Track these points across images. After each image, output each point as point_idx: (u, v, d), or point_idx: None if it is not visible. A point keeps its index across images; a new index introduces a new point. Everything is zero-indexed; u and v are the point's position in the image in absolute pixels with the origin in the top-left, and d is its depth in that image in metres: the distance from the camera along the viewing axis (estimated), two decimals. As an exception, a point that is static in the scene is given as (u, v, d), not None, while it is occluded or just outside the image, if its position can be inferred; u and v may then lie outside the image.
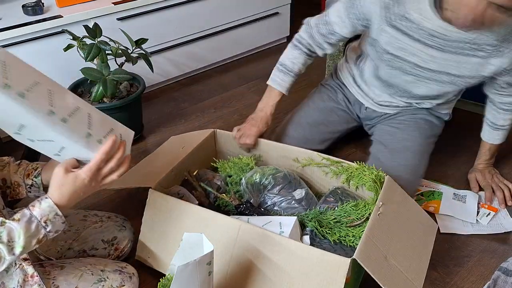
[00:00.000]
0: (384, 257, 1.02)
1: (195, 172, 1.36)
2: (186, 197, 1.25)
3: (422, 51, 1.24)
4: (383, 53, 1.31)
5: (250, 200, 1.27)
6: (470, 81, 1.29)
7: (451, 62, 1.24)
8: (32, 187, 1.02)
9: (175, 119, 2.01)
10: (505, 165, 1.65)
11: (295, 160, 1.35)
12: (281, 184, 1.27)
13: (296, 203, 1.25)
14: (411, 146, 1.39)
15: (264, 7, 2.45)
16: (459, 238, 1.36)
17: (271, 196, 1.27)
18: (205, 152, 1.44)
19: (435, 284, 1.22)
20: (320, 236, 1.18)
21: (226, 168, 1.40)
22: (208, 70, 2.42)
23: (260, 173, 1.30)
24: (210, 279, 0.91)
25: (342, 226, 1.17)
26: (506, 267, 1.17)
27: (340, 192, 1.26)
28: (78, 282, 1.01)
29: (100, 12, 1.84)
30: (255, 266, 1.06)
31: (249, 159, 1.40)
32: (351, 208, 1.19)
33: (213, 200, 1.32)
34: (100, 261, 1.11)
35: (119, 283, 1.06)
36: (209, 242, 0.88)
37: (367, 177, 1.22)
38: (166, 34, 2.11)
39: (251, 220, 1.14)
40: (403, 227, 1.13)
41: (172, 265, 0.91)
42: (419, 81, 1.33)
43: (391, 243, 1.06)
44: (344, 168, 1.28)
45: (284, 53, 1.46)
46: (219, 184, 1.35)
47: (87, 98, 1.75)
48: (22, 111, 0.75)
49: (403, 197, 1.20)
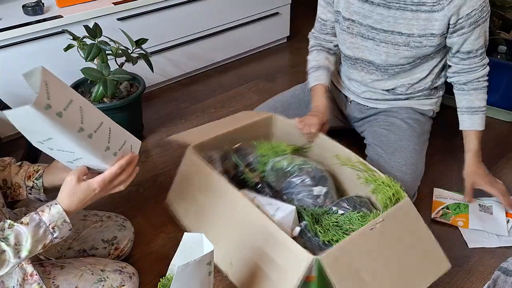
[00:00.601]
0: (356, 270, 0.99)
1: (237, 145, 1.42)
2: (214, 162, 1.33)
3: (372, 12, 1.34)
4: (343, 21, 1.41)
5: (272, 182, 1.31)
6: (423, 41, 1.32)
7: (400, 20, 1.31)
8: (33, 189, 1.03)
9: (175, 119, 2.01)
10: (505, 165, 1.65)
11: (337, 156, 1.35)
12: (305, 176, 1.28)
13: (312, 198, 1.26)
14: (407, 145, 1.40)
15: (264, 7, 2.45)
16: (459, 238, 1.36)
17: (292, 184, 1.28)
18: (258, 131, 1.50)
19: (435, 284, 1.21)
20: (313, 233, 1.17)
21: (263, 149, 1.44)
22: (208, 70, 2.42)
23: (289, 160, 1.33)
24: (210, 279, 0.92)
25: (339, 231, 1.15)
26: (506, 267, 1.18)
27: (358, 200, 1.24)
28: (78, 282, 1.01)
29: (100, 12, 1.84)
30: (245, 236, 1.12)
31: (287, 146, 1.42)
32: (357, 218, 1.17)
33: (240, 173, 1.36)
34: (100, 261, 1.11)
35: (119, 283, 1.06)
36: (209, 242, 0.89)
37: (387, 192, 1.19)
38: (166, 34, 2.12)
39: (257, 198, 1.19)
40: (398, 252, 1.07)
41: (172, 265, 0.91)
42: (378, 46, 1.38)
43: (373, 261, 1.02)
44: (374, 178, 1.25)
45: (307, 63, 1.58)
46: (251, 160, 1.40)
47: (87, 98, 1.75)
48: (56, 129, 0.77)
49: (416, 224, 1.13)
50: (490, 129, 1.86)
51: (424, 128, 1.50)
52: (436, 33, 1.30)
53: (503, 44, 1.90)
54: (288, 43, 2.73)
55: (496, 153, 1.72)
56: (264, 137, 1.50)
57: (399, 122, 1.48)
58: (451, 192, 1.52)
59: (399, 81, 1.46)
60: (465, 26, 1.27)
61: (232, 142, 1.41)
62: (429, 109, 1.53)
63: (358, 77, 1.51)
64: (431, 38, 1.31)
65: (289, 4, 2.57)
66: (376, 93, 1.52)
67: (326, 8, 1.49)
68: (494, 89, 1.86)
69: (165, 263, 0.94)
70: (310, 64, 1.55)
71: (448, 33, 1.31)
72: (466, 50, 1.34)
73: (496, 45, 1.90)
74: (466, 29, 1.28)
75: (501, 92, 1.86)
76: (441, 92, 1.56)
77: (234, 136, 1.42)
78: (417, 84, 1.47)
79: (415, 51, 1.35)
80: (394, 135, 1.44)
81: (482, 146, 1.39)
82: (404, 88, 1.48)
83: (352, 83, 1.56)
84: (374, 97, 1.53)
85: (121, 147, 0.91)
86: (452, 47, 1.36)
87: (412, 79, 1.45)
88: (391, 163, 1.37)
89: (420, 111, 1.52)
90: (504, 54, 1.90)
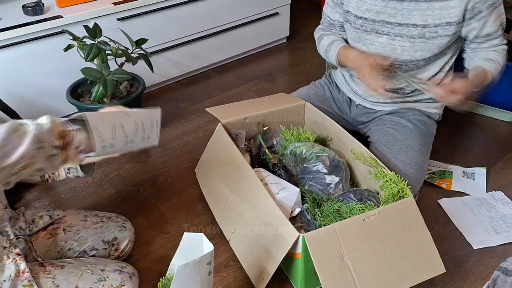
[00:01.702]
0: (340, 255, 1.02)
1: (266, 128, 1.53)
2: (239, 139, 1.45)
3: (385, 7, 1.34)
4: (356, 20, 1.40)
5: (289, 166, 1.39)
6: (438, 31, 1.31)
7: (414, 12, 1.31)
8: (71, 169, 1.06)
9: (175, 119, 2.01)
10: (505, 165, 1.66)
11: (352, 150, 1.38)
12: (320, 164, 1.32)
13: (322, 186, 1.30)
14: (413, 145, 1.40)
15: (264, 7, 2.46)
16: (459, 238, 1.36)
17: (307, 170, 1.33)
18: (290, 117, 1.58)
19: (434, 284, 1.22)
20: (311, 216, 1.21)
21: (288, 134, 1.50)
22: (208, 70, 2.43)
23: (308, 147, 1.38)
24: (210, 278, 0.92)
25: (338, 218, 1.19)
26: (506, 267, 1.17)
27: (366, 194, 1.26)
28: (78, 281, 1.01)
29: (100, 12, 1.84)
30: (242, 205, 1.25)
31: (311, 135, 1.49)
32: (358, 208, 1.19)
33: (262, 153, 1.45)
34: (100, 260, 1.12)
35: (119, 282, 1.06)
36: (209, 242, 0.89)
37: (392, 189, 1.21)
38: (166, 34, 2.12)
39: (267, 177, 1.30)
40: (390, 246, 1.08)
41: (172, 265, 0.92)
42: (392, 41, 1.37)
43: (361, 249, 1.04)
44: (383, 174, 1.26)
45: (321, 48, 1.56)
46: (275, 143, 1.49)
47: (87, 98, 1.76)
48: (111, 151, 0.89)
49: (416, 224, 1.12)
50: (490, 129, 1.87)
51: (430, 130, 1.50)
52: (452, 21, 1.30)
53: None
54: (288, 43, 2.73)
55: (496, 153, 1.72)
56: (294, 124, 1.57)
57: (405, 123, 1.47)
58: (438, 161, 1.67)
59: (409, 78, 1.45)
60: (483, 9, 1.28)
61: (258, 123, 1.54)
62: (435, 112, 1.53)
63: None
64: (446, 27, 1.31)
65: (289, 4, 2.58)
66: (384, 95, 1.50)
67: (334, 8, 1.49)
68: (494, 89, 1.86)
69: (165, 263, 0.94)
70: (325, 44, 1.52)
71: (465, 20, 1.30)
72: (485, 33, 1.34)
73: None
74: (484, 12, 1.28)
75: (501, 92, 1.86)
76: None
77: (265, 118, 1.54)
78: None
79: (430, 42, 1.34)
80: (400, 134, 1.44)
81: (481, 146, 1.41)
82: (413, 87, 1.47)
83: (359, 86, 1.54)
84: (382, 100, 1.52)
85: (151, 129, 0.98)
86: (468, 35, 1.35)
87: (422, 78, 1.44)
88: (395, 162, 1.36)
89: (427, 114, 1.51)
90: (504, 54, 1.90)
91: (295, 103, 1.56)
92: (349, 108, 1.62)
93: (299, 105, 1.57)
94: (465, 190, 1.53)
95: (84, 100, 1.74)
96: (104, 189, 1.58)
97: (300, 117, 1.59)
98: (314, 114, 1.54)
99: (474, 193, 1.52)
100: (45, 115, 0.82)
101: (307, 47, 2.65)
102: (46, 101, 1.84)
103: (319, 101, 1.64)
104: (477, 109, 1.95)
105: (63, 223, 1.18)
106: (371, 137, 1.54)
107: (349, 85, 1.59)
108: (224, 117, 1.47)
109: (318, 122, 1.53)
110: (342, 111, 1.65)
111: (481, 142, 1.78)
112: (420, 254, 1.11)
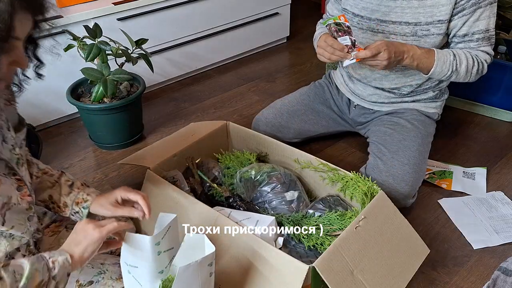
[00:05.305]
0: (350, 271, 0.99)
1: (197, 160, 1.38)
2: (179, 182, 1.28)
3: (379, 5, 1.36)
4: (353, 18, 1.43)
5: (241, 194, 1.28)
6: (430, 29, 1.33)
7: (406, 10, 1.34)
8: (77, 214, 1.05)
9: (175, 119, 2.01)
10: (505, 165, 1.66)
11: (296, 161, 1.35)
12: (275, 183, 1.26)
13: (286, 204, 1.25)
14: (411, 145, 1.40)
15: (264, 7, 2.45)
16: (459, 238, 1.36)
17: (263, 193, 1.27)
18: (215, 142, 1.47)
19: (435, 284, 1.22)
20: (296, 240, 1.17)
21: (227, 160, 1.42)
22: (208, 70, 2.42)
23: (256, 169, 1.30)
24: (212, 280, 0.92)
25: (322, 233, 1.15)
26: (506, 267, 1.18)
27: (332, 200, 1.25)
28: (79, 275, 1.01)
29: (100, 12, 1.84)
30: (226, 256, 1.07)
31: (250, 155, 1.41)
32: (335, 217, 1.18)
33: (207, 189, 1.33)
34: (100, 255, 1.12)
35: (118, 275, 1.06)
36: (210, 243, 0.89)
37: (360, 188, 1.21)
38: (166, 34, 2.12)
39: (232, 213, 1.16)
40: (383, 245, 1.09)
41: (174, 266, 0.91)
42: (387, 39, 1.37)
43: (363, 259, 1.03)
44: (341, 176, 1.26)
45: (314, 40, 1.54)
46: (217, 174, 1.37)
47: (87, 98, 1.75)
48: (149, 261, 0.88)
49: (394, 215, 1.16)
50: (490, 129, 1.87)
51: (429, 130, 1.50)
52: (443, 19, 1.31)
53: (503, 44, 1.91)
54: (288, 43, 2.73)
55: (496, 153, 1.72)
56: (222, 147, 1.49)
57: (404, 122, 1.47)
58: (439, 162, 1.66)
59: (406, 80, 1.46)
60: (466, 7, 1.29)
61: (190, 158, 1.36)
62: (434, 112, 1.53)
63: (370, 87, 1.50)
64: (438, 25, 1.32)
65: (289, 4, 2.57)
66: (382, 96, 1.51)
67: (334, 4, 1.53)
68: (494, 89, 1.87)
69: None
70: (316, 36, 1.51)
71: (456, 17, 1.32)
72: (463, 33, 1.34)
73: (496, 45, 1.90)
74: (466, 11, 1.29)
75: (501, 92, 1.86)
76: (445, 95, 1.56)
77: (192, 151, 1.38)
78: (423, 84, 1.46)
79: (422, 41, 1.35)
80: (398, 134, 1.44)
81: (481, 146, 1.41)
82: (410, 88, 1.47)
83: (357, 86, 1.55)
84: (380, 100, 1.52)
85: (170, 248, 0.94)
86: (449, 33, 1.36)
87: (420, 78, 1.45)
88: (393, 162, 1.36)
89: (426, 114, 1.52)
90: (504, 54, 1.90)
91: (216, 126, 1.47)
92: (348, 109, 1.63)
93: (221, 126, 1.47)
94: (465, 190, 1.53)
95: (84, 100, 1.74)
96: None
97: (225, 139, 1.51)
98: (241, 131, 1.47)
99: (474, 193, 1.52)
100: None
101: (307, 47, 2.64)
102: (46, 101, 1.84)
103: (319, 101, 1.65)
104: (477, 109, 1.95)
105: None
106: (369, 138, 1.54)
107: (347, 85, 1.60)
108: (148, 162, 1.27)
109: (248, 138, 1.45)
110: (341, 111, 1.65)
111: (481, 142, 1.78)
112: (406, 242, 1.15)
